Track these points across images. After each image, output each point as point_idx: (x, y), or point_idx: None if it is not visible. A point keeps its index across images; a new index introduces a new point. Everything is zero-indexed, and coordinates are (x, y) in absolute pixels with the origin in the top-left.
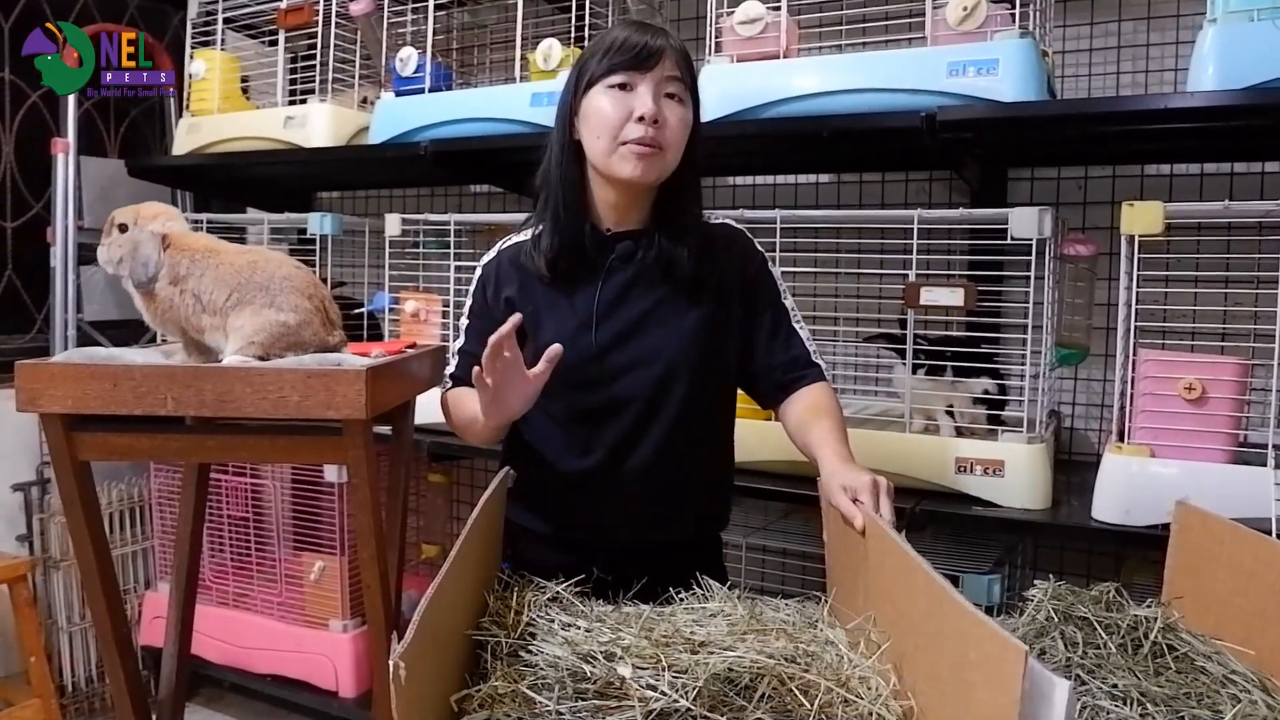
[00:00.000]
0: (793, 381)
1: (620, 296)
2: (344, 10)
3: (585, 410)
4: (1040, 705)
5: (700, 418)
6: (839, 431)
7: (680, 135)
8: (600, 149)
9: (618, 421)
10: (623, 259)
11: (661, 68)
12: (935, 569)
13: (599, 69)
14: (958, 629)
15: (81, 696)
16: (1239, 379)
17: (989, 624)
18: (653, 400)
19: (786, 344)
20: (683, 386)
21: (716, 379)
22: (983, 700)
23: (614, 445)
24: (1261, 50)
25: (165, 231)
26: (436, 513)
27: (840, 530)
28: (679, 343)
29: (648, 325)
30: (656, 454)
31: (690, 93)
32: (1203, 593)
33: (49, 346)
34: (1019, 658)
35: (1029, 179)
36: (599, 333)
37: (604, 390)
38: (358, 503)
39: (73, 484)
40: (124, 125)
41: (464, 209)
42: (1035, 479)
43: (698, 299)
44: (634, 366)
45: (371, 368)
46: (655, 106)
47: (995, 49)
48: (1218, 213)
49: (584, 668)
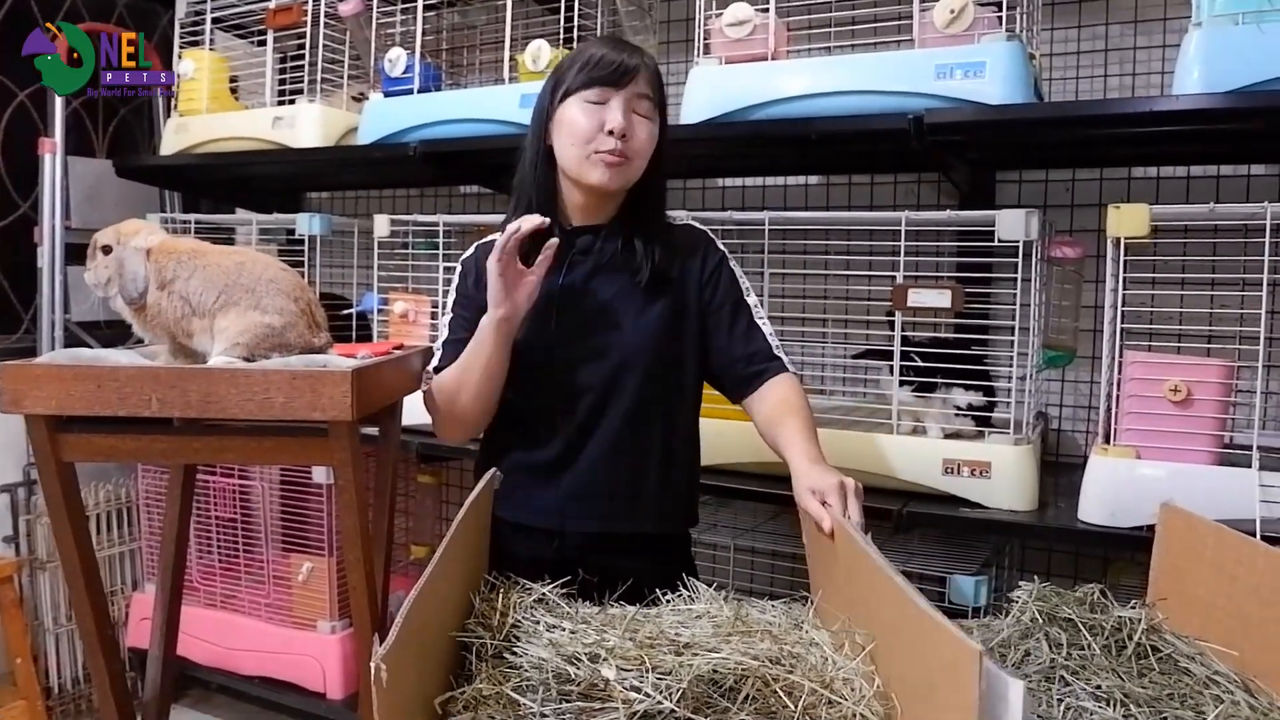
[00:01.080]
0: (756, 374)
1: (580, 289)
2: (333, 10)
3: (543, 399)
4: (997, 705)
5: (656, 410)
6: (807, 430)
7: (647, 147)
8: (572, 156)
9: (574, 411)
10: (582, 251)
11: (634, 86)
12: (921, 570)
13: (575, 82)
14: (919, 631)
15: (68, 698)
16: (1224, 381)
17: (946, 626)
18: (606, 391)
19: (747, 337)
20: (636, 378)
21: (673, 373)
22: (945, 700)
23: (570, 435)
24: (1246, 53)
25: (149, 246)
26: (425, 513)
27: (814, 533)
28: (635, 336)
29: (606, 318)
30: (612, 445)
31: (659, 109)
32: (1187, 594)
33: (36, 347)
34: (973, 658)
35: (1017, 181)
36: (557, 322)
37: (560, 379)
38: (344, 504)
39: (57, 485)
40: (112, 125)
41: (453, 210)
42: (1022, 481)
43: (657, 294)
44: (589, 357)
45: (357, 369)
46: (625, 122)
47: (982, 52)
48: (1203, 215)
49: (568, 669)
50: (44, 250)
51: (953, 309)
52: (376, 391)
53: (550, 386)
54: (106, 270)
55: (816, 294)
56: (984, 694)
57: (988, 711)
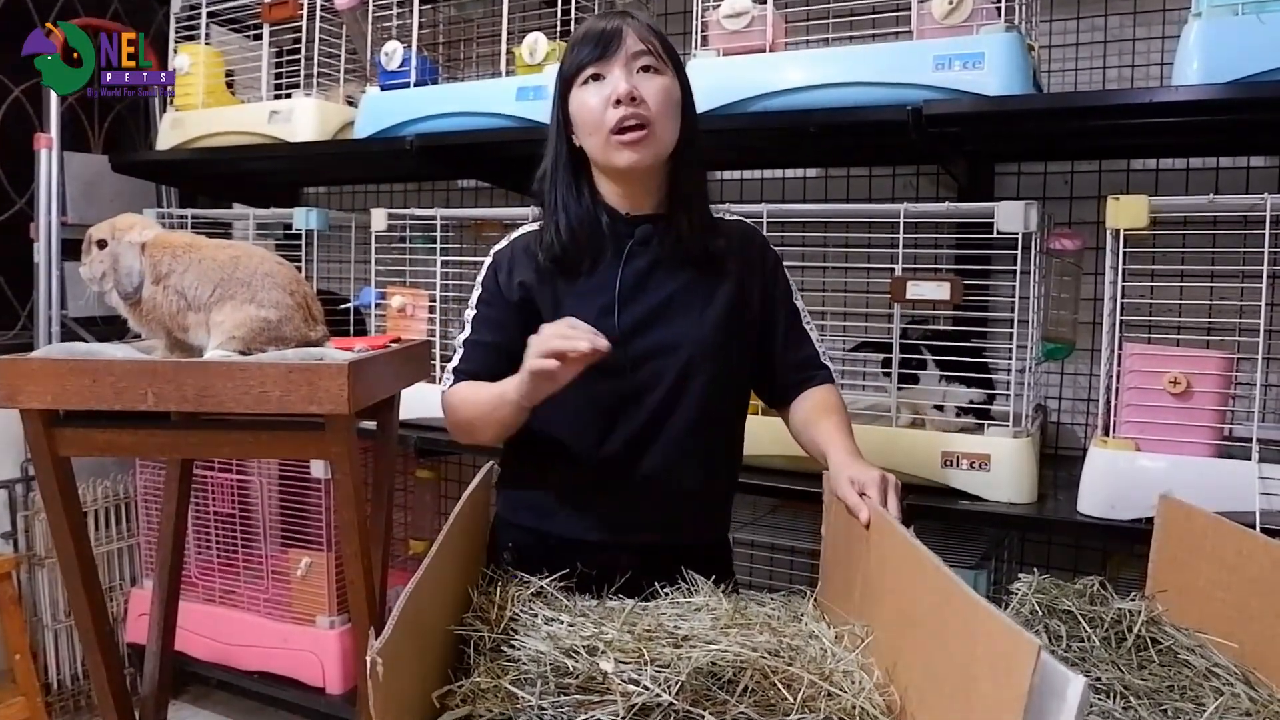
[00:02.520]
0: (803, 381)
1: (641, 281)
2: (329, 4)
3: (605, 399)
4: (1051, 700)
5: (719, 412)
6: (846, 429)
7: (664, 104)
8: (595, 145)
9: (637, 412)
10: (642, 242)
11: (625, 46)
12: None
13: (570, 69)
14: (966, 623)
15: (67, 694)
16: (1224, 373)
17: (1001, 618)
18: (674, 389)
19: (799, 344)
20: (704, 376)
21: (735, 371)
22: (987, 694)
23: (631, 437)
24: (1245, 44)
25: (144, 240)
26: (424, 508)
27: (843, 524)
28: (701, 330)
29: (671, 311)
30: (680, 445)
31: (667, 60)
32: (1186, 586)
33: (33, 342)
34: (1031, 652)
35: (1015, 173)
36: (621, 318)
37: (625, 378)
38: (341, 498)
39: (53, 480)
40: (108, 121)
41: (450, 203)
42: (1021, 473)
43: (719, 286)
44: (656, 353)
45: (353, 362)
46: (628, 84)
47: (981, 43)
48: (1203, 207)
49: (566, 663)
50: (40, 246)
51: (951, 301)
52: (373, 385)
53: (613, 386)
54: (101, 265)
55: (815, 286)
56: (1034, 689)
57: (1036, 707)
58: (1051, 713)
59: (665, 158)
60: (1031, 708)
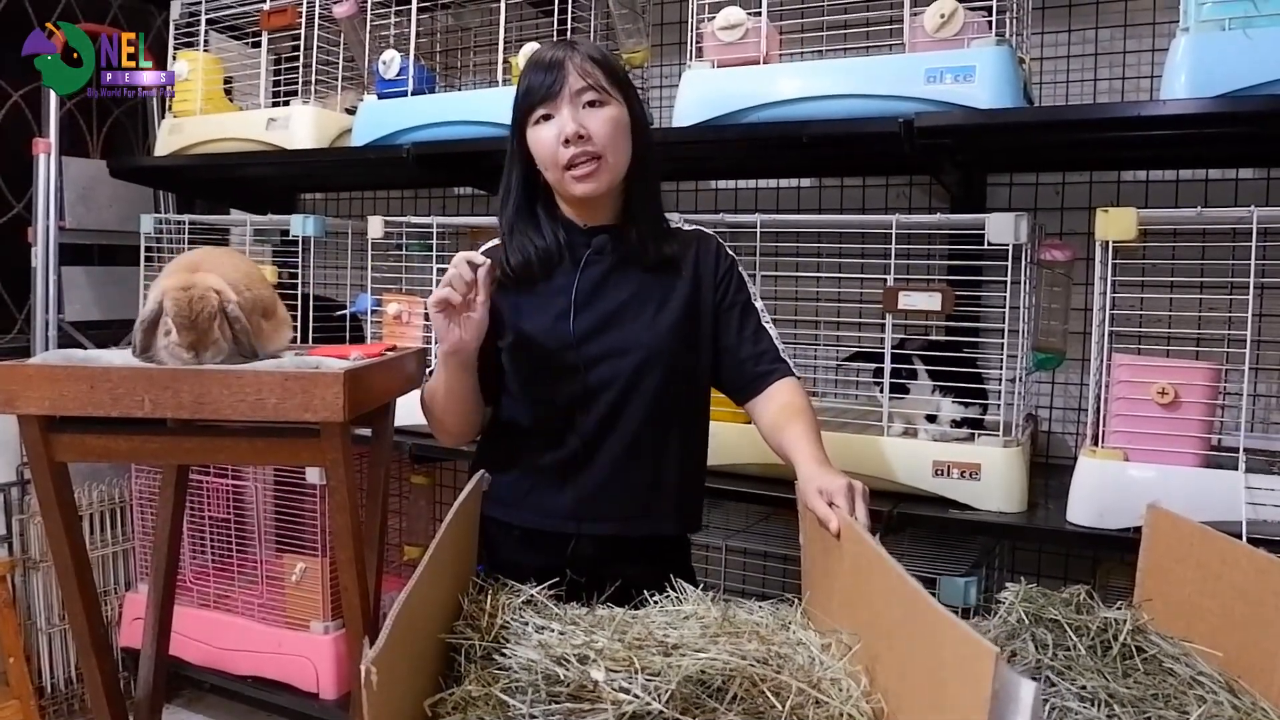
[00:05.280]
0: (762, 375)
1: (597, 287)
2: (327, 12)
3: (561, 399)
4: (1008, 705)
5: (674, 408)
6: (813, 434)
7: (611, 134)
8: (553, 178)
9: (593, 409)
10: (598, 251)
11: (568, 84)
12: (911, 572)
13: (520, 113)
14: (931, 631)
15: (61, 698)
16: (1212, 383)
17: (961, 626)
18: (627, 389)
19: (755, 339)
20: (657, 375)
21: (690, 371)
22: (955, 700)
23: (589, 434)
24: (1233, 58)
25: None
26: (419, 514)
27: (816, 534)
28: (654, 332)
29: (624, 315)
30: (633, 441)
31: (611, 88)
32: (1173, 595)
33: (30, 347)
34: (990, 659)
35: (1007, 184)
36: (577, 321)
37: (579, 378)
38: (336, 504)
39: (50, 485)
40: (106, 125)
41: (447, 211)
42: (1011, 482)
43: (673, 291)
44: (610, 355)
45: (349, 370)
46: (575, 125)
47: (972, 56)
48: (1192, 219)
49: (557, 671)
50: (38, 250)
51: (943, 311)
52: (369, 393)
53: (568, 387)
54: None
55: (808, 296)
56: (995, 694)
57: (997, 711)
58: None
59: (621, 179)
60: (994, 712)
